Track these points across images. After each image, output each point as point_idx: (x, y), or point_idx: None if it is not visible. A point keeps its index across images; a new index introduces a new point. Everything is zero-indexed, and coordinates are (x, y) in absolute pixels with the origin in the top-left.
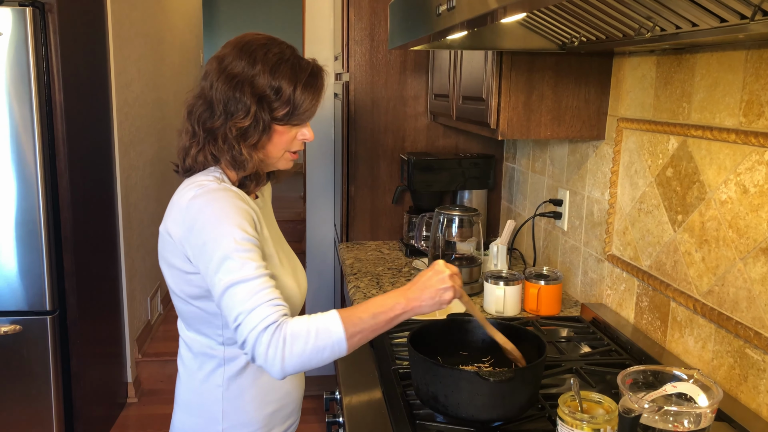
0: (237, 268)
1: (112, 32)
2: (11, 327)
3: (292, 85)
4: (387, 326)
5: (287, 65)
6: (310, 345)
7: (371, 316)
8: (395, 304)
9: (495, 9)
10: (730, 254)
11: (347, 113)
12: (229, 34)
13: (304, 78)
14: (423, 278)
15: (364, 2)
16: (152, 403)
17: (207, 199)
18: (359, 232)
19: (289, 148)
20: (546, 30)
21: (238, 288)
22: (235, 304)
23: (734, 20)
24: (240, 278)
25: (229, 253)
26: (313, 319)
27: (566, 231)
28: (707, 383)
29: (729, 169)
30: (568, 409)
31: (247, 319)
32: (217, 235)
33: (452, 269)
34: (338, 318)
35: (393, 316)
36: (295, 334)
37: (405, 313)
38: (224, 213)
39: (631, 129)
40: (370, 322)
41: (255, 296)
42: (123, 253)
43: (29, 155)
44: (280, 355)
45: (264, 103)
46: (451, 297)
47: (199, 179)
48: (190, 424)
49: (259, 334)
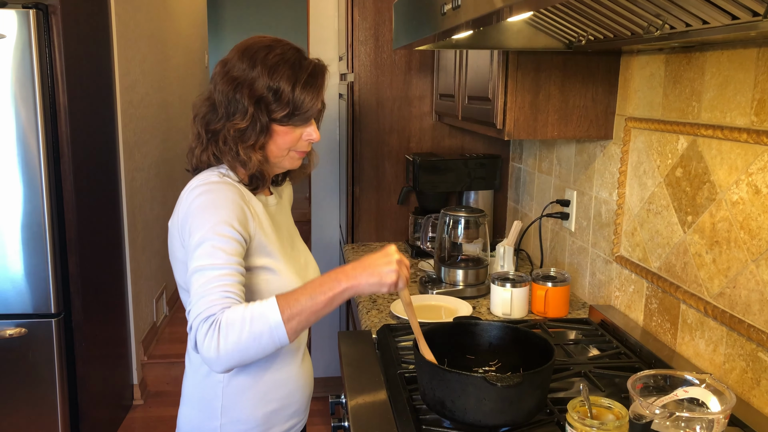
0: (205, 255)
1: (116, 34)
2: (17, 330)
3: (291, 85)
4: (327, 307)
5: (286, 66)
6: (245, 332)
7: (309, 297)
8: (334, 283)
9: (501, 8)
10: (742, 256)
11: (352, 114)
12: (234, 34)
13: (303, 77)
14: (370, 257)
15: (369, 2)
16: (158, 405)
17: (203, 190)
18: (365, 234)
19: (294, 148)
20: (553, 29)
21: (198, 275)
22: (192, 290)
23: (746, 17)
24: (203, 266)
25: (203, 240)
26: (251, 306)
27: (574, 232)
28: (719, 388)
29: (740, 169)
30: (578, 414)
31: (194, 306)
32: (200, 222)
33: (403, 258)
34: (275, 302)
35: (332, 296)
36: (230, 321)
37: (345, 291)
38: (213, 203)
39: (639, 128)
40: (308, 303)
41: (208, 285)
42: (128, 254)
43: (34, 158)
44: (215, 344)
45: (262, 104)
46: (394, 280)
47: (204, 175)
48: (191, 417)
49: (200, 322)
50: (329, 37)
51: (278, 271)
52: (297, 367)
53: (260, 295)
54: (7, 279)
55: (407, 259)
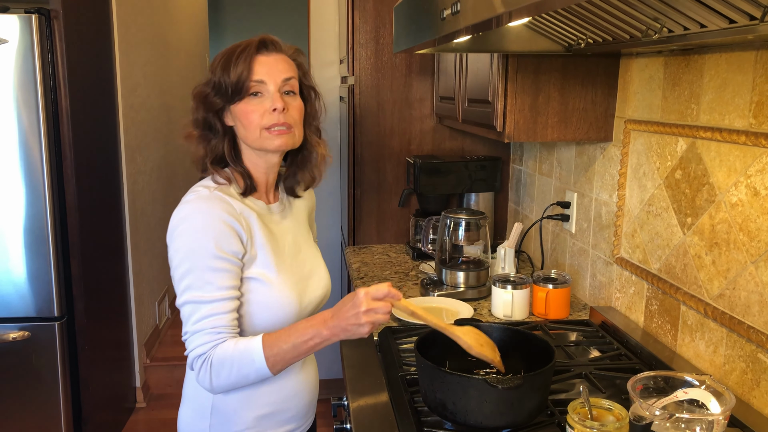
0: (198, 286)
1: (117, 37)
2: (20, 333)
3: (221, 70)
4: (308, 353)
5: (221, 57)
6: (234, 372)
7: (292, 346)
8: (315, 335)
9: (500, 14)
10: (741, 257)
11: (353, 116)
12: (235, 37)
13: (233, 59)
14: (344, 308)
15: (369, 5)
16: (161, 408)
17: (192, 209)
18: (366, 236)
19: (262, 125)
20: (552, 32)
21: (191, 306)
22: (185, 320)
23: (743, 21)
24: (196, 298)
25: (194, 269)
26: (239, 347)
27: (574, 233)
28: (719, 389)
29: (739, 171)
30: (578, 416)
31: (189, 339)
32: (190, 248)
33: (373, 299)
34: (261, 347)
35: (312, 345)
36: (220, 362)
37: (324, 341)
38: (204, 227)
39: (638, 131)
40: (291, 351)
41: (202, 320)
42: (130, 257)
43: (36, 161)
44: (208, 379)
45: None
46: (366, 331)
47: (202, 183)
48: (185, 416)
49: (194, 357)
50: (330, 40)
51: (269, 282)
52: (294, 374)
53: (250, 304)
54: (10, 282)
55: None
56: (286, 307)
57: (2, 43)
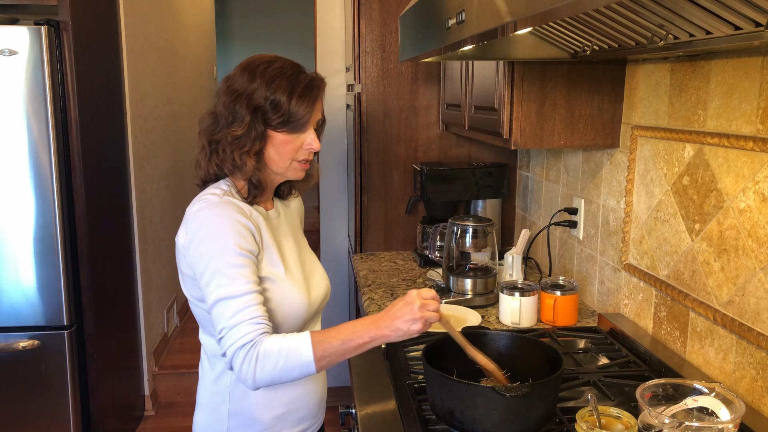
0: (227, 283)
1: (125, 47)
2: (29, 342)
3: (287, 95)
4: (356, 352)
5: (284, 78)
6: (280, 365)
7: (341, 342)
8: (365, 333)
9: (506, 23)
10: (750, 264)
11: (359, 124)
12: (242, 46)
13: (299, 90)
14: (394, 308)
15: (375, 14)
16: (169, 416)
17: (208, 214)
18: (373, 243)
19: (295, 158)
20: (557, 39)
21: (224, 303)
22: (220, 318)
23: (749, 28)
24: (227, 294)
25: (221, 268)
26: (287, 340)
27: (582, 240)
28: (729, 397)
29: (747, 177)
30: (586, 424)
31: (228, 334)
32: (213, 250)
33: (424, 298)
34: (309, 341)
35: (362, 343)
36: (267, 353)
37: (373, 341)
38: (222, 228)
39: (645, 137)
40: (339, 347)
41: (239, 313)
42: (139, 266)
43: (46, 171)
44: (252, 371)
45: (259, 113)
46: (419, 328)
47: (207, 192)
48: (201, 421)
49: (236, 350)
50: (336, 48)
51: (279, 281)
52: None
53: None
54: (19, 292)
55: (430, 292)
56: (297, 303)
57: (12, 54)
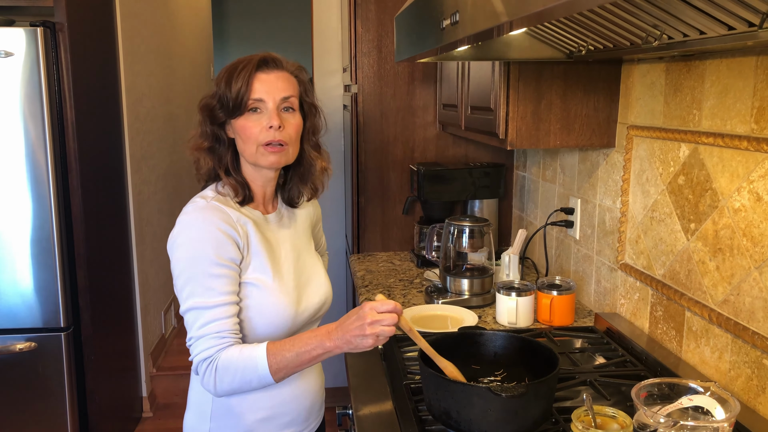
0: (200, 293)
1: (122, 49)
2: (26, 344)
3: (223, 85)
4: (311, 363)
5: (224, 72)
6: (237, 378)
7: (295, 354)
8: (318, 345)
9: (501, 24)
10: (745, 263)
11: (356, 124)
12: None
13: (234, 75)
14: (348, 321)
15: (371, 14)
16: (167, 417)
17: (191, 219)
18: (370, 243)
19: (259, 141)
20: (553, 39)
21: (195, 313)
22: (190, 327)
23: (742, 28)
24: (198, 304)
25: (196, 276)
26: (243, 354)
27: (578, 240)
28: (724, 396)
29: (742, 176)
30: (582, 424)
31: (195, 344)
32: (191, 257)
33: (379, 312)
34: (264, 355)
35: (315, 356)
36: (225, 367)
37: (327, 353)
38: (202, 236)
39: (641, 136)
40: (294, 360)
41: (207, 326)
42: (136, 267)
43: (42, 173)
44: (212, 383)
45: (207, 113)
46: (370, 344)
47: (199, 195)
48: (189, 420)
49: (200, 361)
50: (333, 48)
51: (265, 287)
52: (292, 379)
53: (248, 309)
54: (16, 293)
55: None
56: (281, 311)
57: (8, 56)
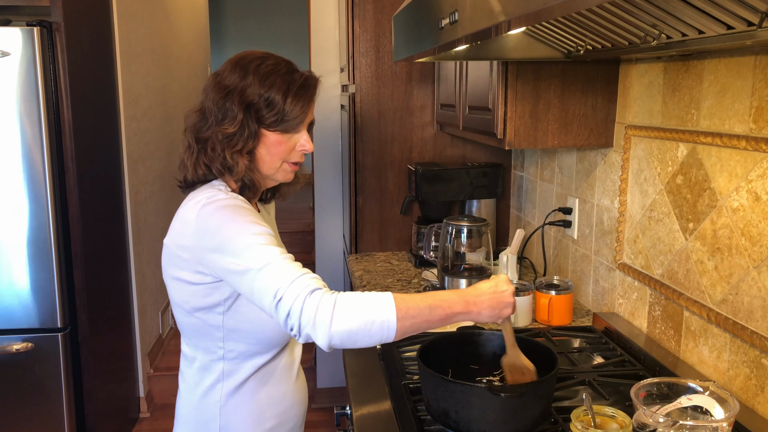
0: (262, 253)
1: (119, 49)
2: (23, 345)
3: (282, 94)
4: (441, 322)
5: (278, 75)
6: (358, 315)
7: (428, 306)
8: (456, 302)
9: (498, 23)
10: (744, 262)
11: (354, 124)
12: (237, 47)
13: (294, 89)
14: (485, 286)
15: (369, 14)
16: (164, 418)
17: (216, 206)
18: (368, 243)
19: (287, 159)
20: (551, 39)
21: (268, 269)
22: (270, 282)
23: (741, 27)
24: (269, 261)
25: (250, 244)
26: (366, 294)
27: (576, 239)
28: (723, 395)
29: (740, 176)
30: (581, 424)
31: (288, 289)
32: (233, 233)
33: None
34: (391, 298)
35: (450, 314)
36: (346, 299)
37: (462, 314)
38: (236, 213)
39: (639, 136)
40: (426, 312)
41: (292, 271)
42: (133, 267)
43: (39, 173)
44: (329, 317)
45: (252, 110)
46: (509, 313)
47: (205, 192)
48: None
49: (305, 297)
50: (330, 48)
51: None
52: (292, 383)
53: None
54: (13, 294)
55: None
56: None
57: (5, 55)
